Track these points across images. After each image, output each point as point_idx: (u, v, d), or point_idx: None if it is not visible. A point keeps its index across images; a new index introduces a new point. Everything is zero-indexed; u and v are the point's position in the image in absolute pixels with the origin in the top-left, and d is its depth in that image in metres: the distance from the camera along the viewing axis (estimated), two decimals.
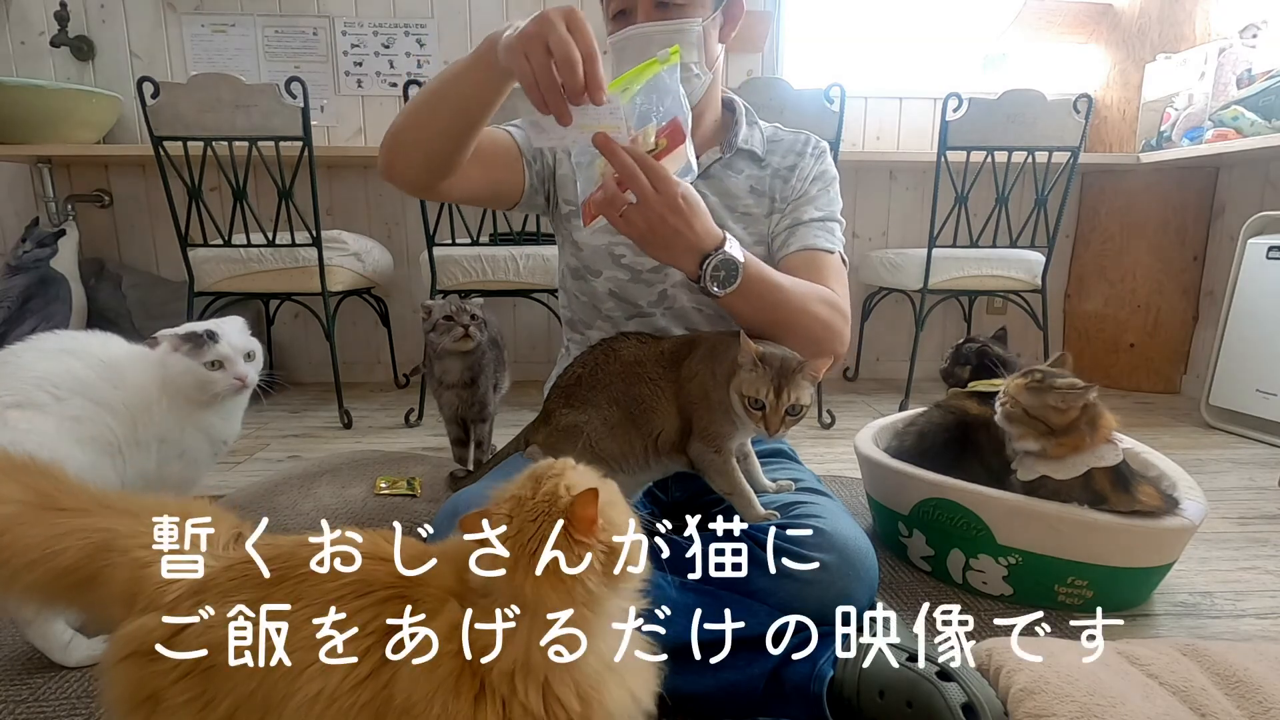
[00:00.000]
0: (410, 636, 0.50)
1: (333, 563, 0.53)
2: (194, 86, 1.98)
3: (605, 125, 0.76)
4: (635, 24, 0.94)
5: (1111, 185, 2.78)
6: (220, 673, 0.50)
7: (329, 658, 0.50)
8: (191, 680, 0.51)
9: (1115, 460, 1.07)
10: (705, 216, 0.84)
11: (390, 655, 0.50)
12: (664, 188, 0.78)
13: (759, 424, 0.84)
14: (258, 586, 0.53)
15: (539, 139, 0.80)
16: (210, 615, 0.51)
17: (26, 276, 2.40)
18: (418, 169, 0.94)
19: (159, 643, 0.51)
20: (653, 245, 0.83)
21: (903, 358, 2.84)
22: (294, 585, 0.53)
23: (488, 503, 0.55)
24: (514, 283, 2.27)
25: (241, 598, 0.52)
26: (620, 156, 0.76)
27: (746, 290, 0.87)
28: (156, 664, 0.51)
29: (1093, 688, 0.74)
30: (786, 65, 3.00)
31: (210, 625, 0.51)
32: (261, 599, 0.52)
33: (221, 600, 0.52)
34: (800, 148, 1.11)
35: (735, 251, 0.86)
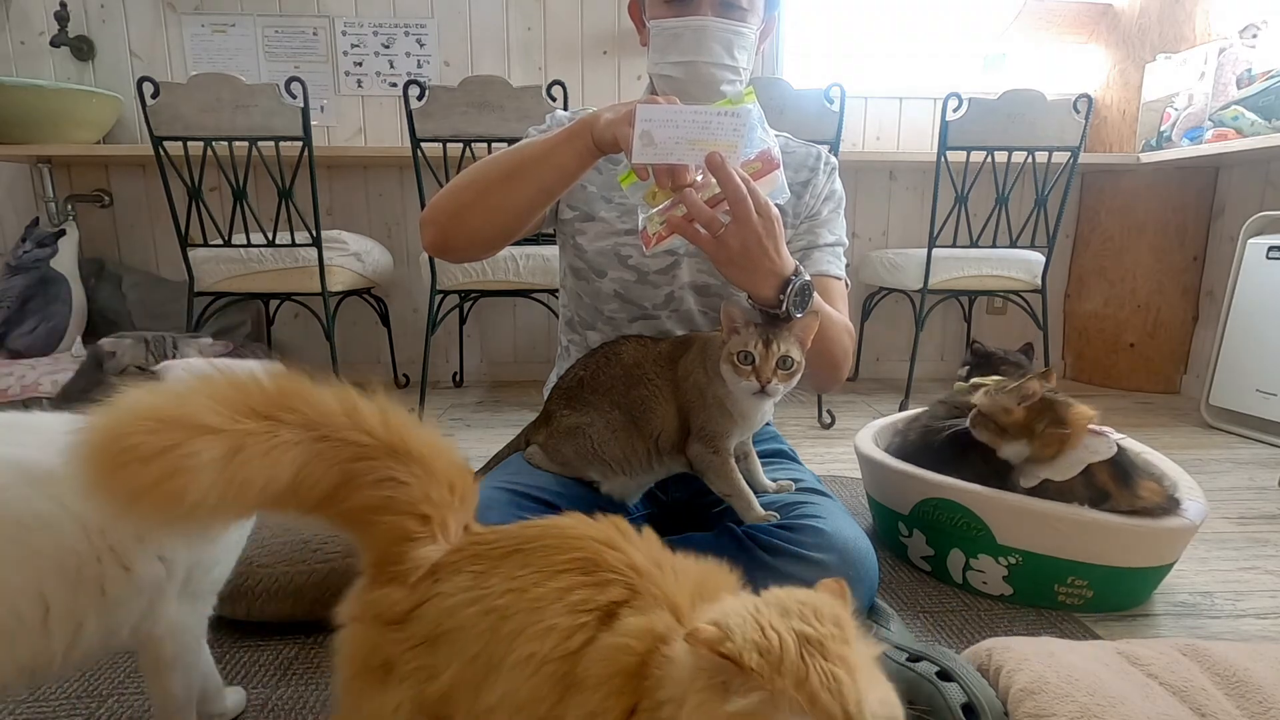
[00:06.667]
0: (619, 620, 0.49)
1: (562, 539, 0.53)
2: (194, 86, 1.98)
3: (723, 143, 0.76)
4: (696, 14, 0.93)
5: (1111, 185, 2.78)
6: (446, 643, 0.51)
7: (553, 617, 0.49)
8: (421, 650, 0.52)
9: (1109, 452, 1.07)
10: (785, 242, 0.85)
11: (599, 633, 0.49)
12: (765, 212, 0.80)
13: (750, 378, 0.83)
14: (487, 560, 0.54)
15: (644, 154, 0.77)
16: (445, 590, 0.52)
17: (26, 276, 2.40)
18: (485, 242, 0.96)
19: (400, 617, 0.52)
20: (738, 267, 0.82)
21: (903, 358, 2.84)
22: (523, 556, 0.53)
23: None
24: (514, 283, 2.27)
25: (474, 569, 0.53)
26: (733, 178, 0.77)
27: (810, 315, 0.88)
28: (394, 633, 0.53)
29: (1093, 688, 0.74)
30: (786, 65, 3.00)
31: (446, 597, 0.52)
32: (491, 570, 0.53)
33: (454, 575, 0.53)
34: (813, 163, 1.11)
35: (809, 276, 0.87)
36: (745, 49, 0.95)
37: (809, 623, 0.43)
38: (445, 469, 0.57)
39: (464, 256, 1.02)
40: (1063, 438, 1.08)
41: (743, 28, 0.94)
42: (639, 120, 0.76)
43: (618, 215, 1.05)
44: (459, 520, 0.57)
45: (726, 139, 0.77)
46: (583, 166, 0.88)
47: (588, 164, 0.87)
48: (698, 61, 0.94)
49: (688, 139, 0.76)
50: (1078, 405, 1.10)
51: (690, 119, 0.76)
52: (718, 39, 0.92)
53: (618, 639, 0.48)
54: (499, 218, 0.93)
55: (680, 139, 0.76)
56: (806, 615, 0.44)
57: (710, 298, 1.08)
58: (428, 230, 0.96)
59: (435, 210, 0.96)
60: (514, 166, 0.90)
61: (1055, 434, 1.08)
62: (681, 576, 0.52)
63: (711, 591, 0.51)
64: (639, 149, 0.77)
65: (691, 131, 0.76)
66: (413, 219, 2.77)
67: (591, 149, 0.85)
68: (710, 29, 0.92)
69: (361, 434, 0.54)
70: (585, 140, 0.85)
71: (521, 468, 1.00)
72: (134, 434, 0.47)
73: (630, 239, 1.04)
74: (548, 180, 0.89)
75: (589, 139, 0.84)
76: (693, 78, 0.94)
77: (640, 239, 0.86)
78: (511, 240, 0.97)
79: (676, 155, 0.77)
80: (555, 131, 0.90)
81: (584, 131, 0.85)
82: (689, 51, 0.93)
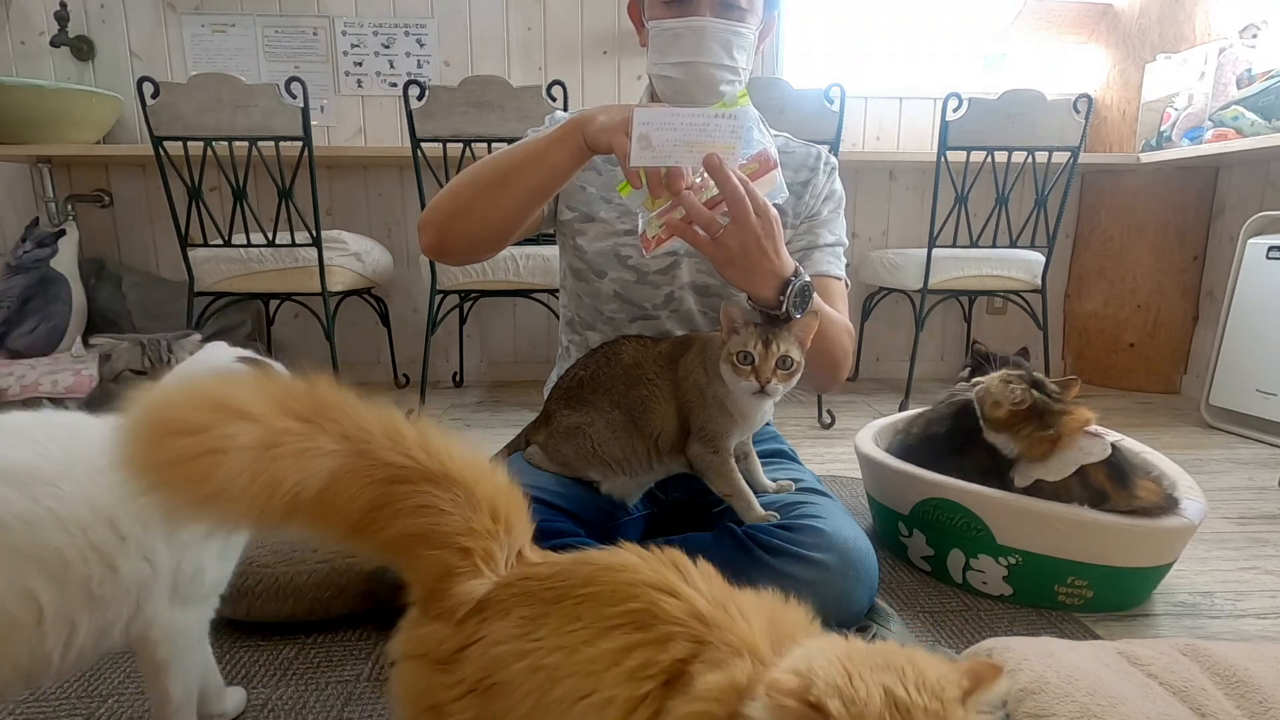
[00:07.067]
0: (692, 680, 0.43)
1: (615, 586, 0.48)
2: (194, 87, 1.98)
3: (721, 145, 0.77)
4: (695, 15, 0.93)
5: (1111, 185, 2.78)
6: (495, 698, 0.48)
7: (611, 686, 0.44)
8: (472, 699, 0.49)
9: (1103, 454, 1.07)
10: (784, 243, 0.85)
11: (667, 702, 0.44)
12: (763, 212, 0.80)
13: (749, 378, 0.83)
14: (537, 603, 0.50)
15: (642, 157, 0.78)
16: (493, 634, 0.49)
17: (26, 276, 2.40)
18: (481, 243, 0.97)
19: (447, 657, 0.50)
20: (738, 268, 0.83)
21: (903, 358, 2.84)
22: (573, 606, 0.49)
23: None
24: (514, 283, 2.27)
25: (522, 613, 0.49)
26: (731, 180, 0.77)
27: (809, 315, 0.88)
28: (441, 676, 0.50)
29: (1093, 688, 0.73)
30: (786, 65, 3.00)
31: (494, 643, 0.49)
32: (541, 616, 0.49)
33: (502, 617, 0.50)
34: (813, 163, 1.11)
35: (808, 277, 0.87)
36: (745, 49, 0.95)
37: (907, 685, 0.39)
38: (488, 495, 0.54)
39: (462, 259, 1.02)
40: (1051, 439, 1.08)
41: (742, 28, 0.94)
42: (636, 124, 0.76)
43: (617, 216, 1.06)
44: (507, 549, 0.54)
45: (724, 141, 0.77)
46: (575, 166, 0.88)
47: (579, 164, 0.88)
48: (697, 62, 0.94)
49: (685, 141, 0.76)
50: (1076, 410, 1.10)
51: (687, 121, 0.76)
52: (717, 39, 0.92)
53: (695, 705, 0.42)
54: (494, 219, 0.93)
55: (678, 141, 0.76)
56: (907, 676, 0.39)
57: (710, 298, 1.08)
58: (426, 233, 0.97)
59: (432, 213, 0.96)
60: (508, 168, 0.91)
61: (1040, 436, 1.09)
62: (752, 618, 0.47)
63: (787, 632, 0.46)
64: (637, 152, 0.77)
65: (689, 134, 0.76)
66: (413, 219, 2.77)
67: (583, 149, 0.85)
68: (709, 29, 0.92)
69: (401, 455, 0.52)
70: (577, 141, 0.85)
71: (522, 468, 1.00)
72: (179, 407, 0.47)
73: (630, 239, 1.04)
74: (540, 180, 0.90)
75: (581, 139, 0.85)
76: (692, 78, 0.95)
77: (640, 242, 0.86)
78: (507, 243, 0.98)
79: (674, 158, 0.77)
80: (546, 132, 0.90)
81: (576, 132, 0.85)
82: (688, 52, 0.93)
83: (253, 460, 0.47)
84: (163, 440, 0.46)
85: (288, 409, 0.50)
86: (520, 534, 0.56)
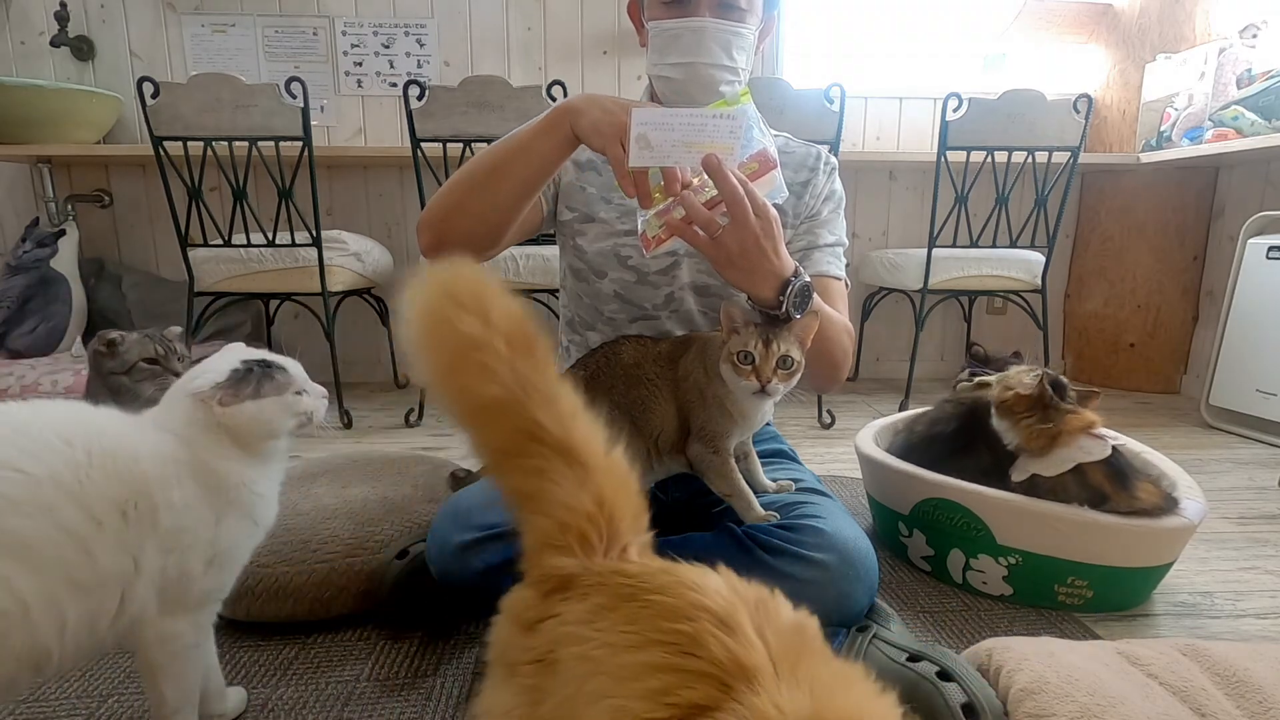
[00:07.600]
0: None
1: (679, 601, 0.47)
2: (194, 87, 1.98)
3: (719, 145, 0.76)
4: (695, 15, 0.93)
5: (1111, 185, 2.78)
6: (552, 674, 0.49)
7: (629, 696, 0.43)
8: (535, 669, 0.50)
9: (1102, 454, 1.07)
10: (784, 243, 0.85)
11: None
12: (763, 213, 0.80)
13: (750, 378, 0.83)
14: (611, 597, 0.50)
15: (641, 158, 0.77)
16: (567, 614, 0.50)
17: (26, 276, 2.40)
18: (478, 241, 0.96)
19: (528, 625, 0.52)
20: (737, 268, 0.82)
21: (903, 358, 2.84)
22: (637, 608, 0.48)
23: None
24: (514, 283, 2.27)
25: (596, 601, 0.50)
26: (730, 180, 0.77)
27: (809, 315, 0.88)
28: (521, 638, 0.52)
29: (1093, 688, 0.74)
30: (786, 65, 3.00)
31: (565, 623, 0.50)
32: (608, 610, 0.49)
33: (581, 600, 0.51)
34: (813, 163, 1.11)
35: (808, 277, 0.87)
36: (744, 50, 0.95)
37: None
38: (601, 482, 0.54)
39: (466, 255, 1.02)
40: (1050, 434, 1.08)
41: (741, 28, 0.94)
42: (634, 125, 0.76)
43: (617, 216, 1.06)
44: (606, 539, 0.54)
45: (723, 141, 0.76)
46: (563, 156, 0.88)
47: (568, 153, 0.88)
48: (696, 63, 0.94)
49: (683, 142, 0.76)
50: (1082, 411, 1.10)
51: (685, 122, 0.76)
52: (716, 40, 0.92)
53: None
54: (489, 214, 0.93)
55: (676, 142, 0.76)
56: None
57: (710, 298, 1.08)
58: (424, 235, 0.97)
59: (429, 214, 0.96)
60: (498, 161, 0.91)
61: (1039, 429, 1.09)
62: (814, 689, 0.40)
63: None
64: (636, 153, 0.76)
65: (687, 134, 0.76)
66: (413, 219, 2.77)
67: (571, 139, 0.85)
68: (709, 30, 0.92)
69: (547, 416, 0.54)
70: (564, 131, 0.85)
71: None
72: (464, 282, 0.55)
73: (630, 240, 1.04)
74: (530, 172, 0.89)
75: (568, 129, 0.84)
76: (692, 79, 0.95)
77: (640, 242, 0.86)
78: (504, 239, 0.97)
79: (673, 158, 0.77)
80: (533, 123, 0.90)
81: (562, 122, 0.85)
82: (688, 53, 0.93)
83: (470, 346, 0.52)
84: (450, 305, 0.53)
85: (504, 329, 0.54)
86: (628, 531, 0.55)
